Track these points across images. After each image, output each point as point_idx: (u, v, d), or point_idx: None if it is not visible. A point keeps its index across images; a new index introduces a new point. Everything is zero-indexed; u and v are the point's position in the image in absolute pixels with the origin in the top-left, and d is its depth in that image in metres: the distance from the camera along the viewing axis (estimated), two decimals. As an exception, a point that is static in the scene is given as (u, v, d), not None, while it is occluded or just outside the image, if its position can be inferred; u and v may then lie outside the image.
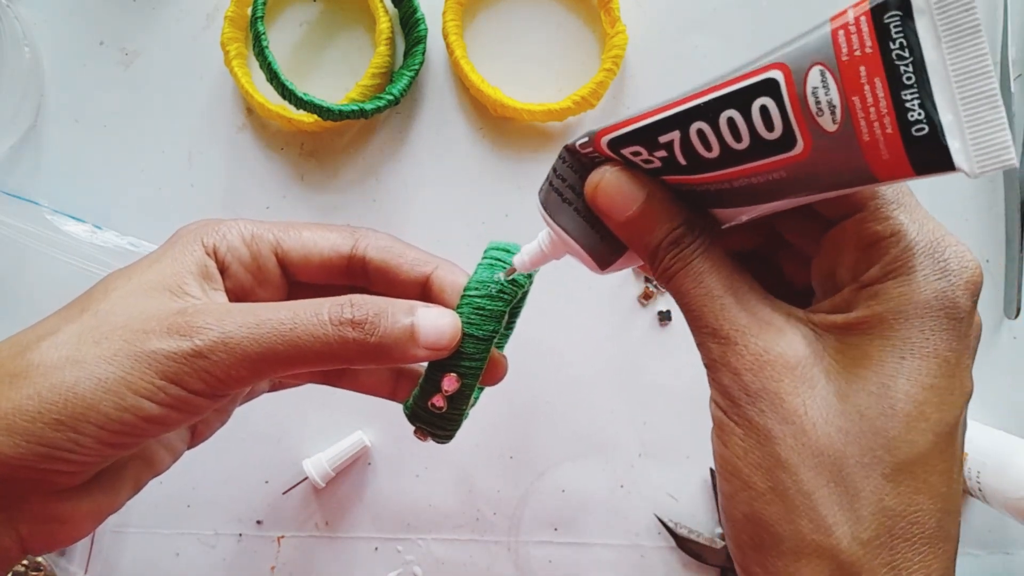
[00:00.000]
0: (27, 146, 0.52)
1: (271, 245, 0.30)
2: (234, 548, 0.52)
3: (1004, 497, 0.42)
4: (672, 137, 0.23)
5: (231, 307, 0.26)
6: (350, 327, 0.26)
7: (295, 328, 0.26)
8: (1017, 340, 0.50)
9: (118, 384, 0.24)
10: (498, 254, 0.31)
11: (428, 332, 0.27)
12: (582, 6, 0.51)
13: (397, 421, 0.51)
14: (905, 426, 0.22)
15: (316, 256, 0.31)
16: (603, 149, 0.25)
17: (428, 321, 0.28)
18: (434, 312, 0.28)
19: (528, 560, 0.51)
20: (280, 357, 0.26)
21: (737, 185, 0.22)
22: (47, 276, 0.51)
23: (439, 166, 0.52)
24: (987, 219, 0.50)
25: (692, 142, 0.22)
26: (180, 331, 0.25)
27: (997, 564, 0.50)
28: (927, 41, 0.18)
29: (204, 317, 0.25)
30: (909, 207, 0.23)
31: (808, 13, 0.50)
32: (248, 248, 0.30)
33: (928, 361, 0.22)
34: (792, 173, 0.21)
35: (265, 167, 0.52)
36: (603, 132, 0.24)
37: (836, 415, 0.22)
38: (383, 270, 0.31)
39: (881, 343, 0.22)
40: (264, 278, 0.30)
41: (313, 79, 0.52)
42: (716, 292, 0.24)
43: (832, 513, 0.22)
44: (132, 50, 0.52)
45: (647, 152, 0.24)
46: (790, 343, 0.23)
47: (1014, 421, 0.50)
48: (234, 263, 0.30)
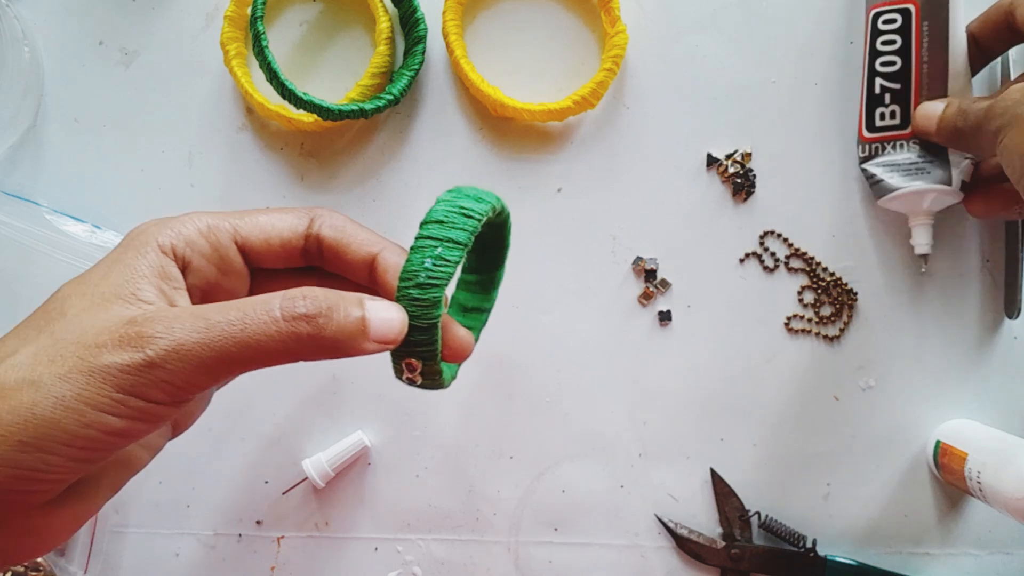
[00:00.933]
0: (27, 146, 0.52)
1: (229, 234, 0.30)
2: (234, 548, 0.52)
3: (1004, 497, 0.42)
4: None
5: (180, 312, 0.26)
6: (304, 322, 0.26)
7: (246, 328, 0.25)
8: (1017, 340, 0.50)
9: (76, 401, 0.24)
10: (433, 229, 0.29)
11: (377, 327, 0.27)
12: (582, 6, 0.51)
13: (397, 421, 0.52)
14: None
15: (276, 239, 0.31)
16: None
17: (376, 315, 0.27)
18: (381, 306, 0.28)
19: (528, 560, 0.51)
20: (234, 359, 0.25)
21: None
22: (47, 276, 0.51)
23: (439, 166, 0.52)
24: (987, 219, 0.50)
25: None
26: (131, 342, 0.25)
27: (997, 564, 0.50)
28: None
29: (154, 325, 0.25)
30: None
31: (808, 13, 0.50)
32: (207, 240, 0.30)
33: None
34: None
35: (265, 167, 0.52)
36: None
37: None
38: (334, 249, 0.31)
39: None
40: (228, 268, 0.30)
41: (313, 79, 0.52)
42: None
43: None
44: (132, 50, 0.52)
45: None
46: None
47: (1014, 421, 0.50)
48: (195, 257, 0.29)
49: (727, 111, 0.50)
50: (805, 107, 0.50)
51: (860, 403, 0.50)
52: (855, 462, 0.50)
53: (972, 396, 0.50)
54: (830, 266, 0.50)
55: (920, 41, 0.45)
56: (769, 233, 0.50)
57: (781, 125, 0.50)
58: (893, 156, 0.46)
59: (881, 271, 0.50)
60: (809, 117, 0.50)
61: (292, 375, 0.52)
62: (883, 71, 0.46)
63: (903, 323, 0.50)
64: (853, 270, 0.50)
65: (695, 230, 0.51)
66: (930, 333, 0.50)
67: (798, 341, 0.50)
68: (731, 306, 0.50)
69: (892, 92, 0.46)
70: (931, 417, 0.50)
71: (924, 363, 0.50)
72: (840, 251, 0.50)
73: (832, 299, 0.50)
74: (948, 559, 0.50)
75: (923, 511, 0.50)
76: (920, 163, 0.45)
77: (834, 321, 0.50)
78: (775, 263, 0.50)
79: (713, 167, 0.50)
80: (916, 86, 0.45)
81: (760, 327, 0.50)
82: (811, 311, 0.50)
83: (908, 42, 0.45)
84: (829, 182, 0.50)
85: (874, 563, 0.49)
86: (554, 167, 0.51)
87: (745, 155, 0.50)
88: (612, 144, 0.51)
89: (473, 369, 0.51)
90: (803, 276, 0.50)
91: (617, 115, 0.51)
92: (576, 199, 0.51)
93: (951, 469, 0.47)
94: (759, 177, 0.50)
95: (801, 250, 0.50)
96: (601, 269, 0.51)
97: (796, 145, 0.50)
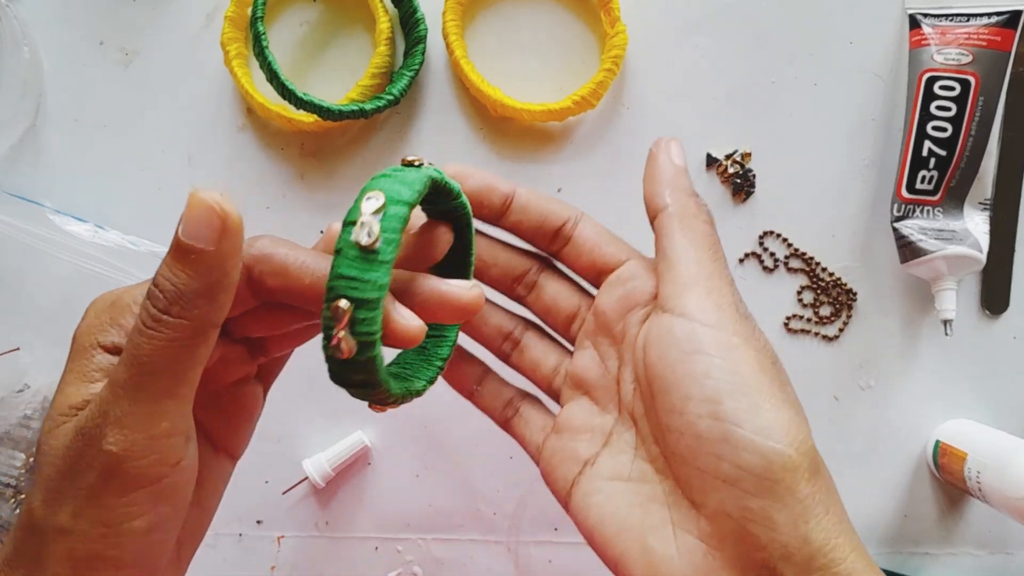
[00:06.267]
0: (26, 146, 0.52)
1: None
2: (234, 548, 0.52)
3: (1004, 497, 0.42)
4: None
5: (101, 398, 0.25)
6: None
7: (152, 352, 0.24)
8: (1017, 340, 0.50)
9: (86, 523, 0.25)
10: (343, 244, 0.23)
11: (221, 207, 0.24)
12: (582, 6, 0.51)
13: (397, 421, 0.52)
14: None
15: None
16: None
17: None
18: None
19: (528, 560, 0.51)
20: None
21: None
22: (51, 276, 0.51)
23: (439, 166, 0.52)
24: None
25: None
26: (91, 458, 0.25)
27: (997, 564, 0.50)
28: None
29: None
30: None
31: (808, 13, 0.50)
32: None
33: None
34: None
35: (265, 167, 0.52)
36: None
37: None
38: (284, 288, 0.27)
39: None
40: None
41: (313, 79, 0.52)
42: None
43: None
44: (132, 50, 0.52)
45: None
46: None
47: (1014, 421, 0.50)
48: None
49: (727, 111, 0.50)
50: (805, 107, 0.50)
51: (860, 403, 0.50)
52: (855, 462, 0.50)
53: (972, 396, 0.50)
54: (829, 266, 0.50)
55: (973, 115, 0.45)
56: (768, 233, 0.50)
57: (781, 125, 0.50)
58: (922, 221, 0.47)
59: (881, 271, 0.50)
60: (809, 117, 0.50)
61: (292, 375, 0.51)
62: (934, 135, 0.46)
63: (903, 323, 0.50)
64: (852, 270, 0.50)
65: (695, 230, 0.51)
66: (930, 333, 0.50)
67: (798, 341, 0.50)
68: (731, 306, 0.50)
69: (937, 158, 0.46)
70: (931, 417, 0.50)
71: (924, 363, 0.50)
72: (840, 251, 0.50)
73: (832, 299, 0.50)
74: (948, 559, 0.50)
75: (923, 511, 0.50)
76: (946, 231, 0.46)
77: (833, 321, 0.50)
78: (774, 263, 0.50)
79: (713, 167, 0.50)
80: (958, 157, 0.46)
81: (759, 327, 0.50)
82: (810, 311, 0.50)
83: (962, 113, 0.46)
84: (829, 182, 0.50)
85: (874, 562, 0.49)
86: (554, 167, 0.51)
87: (745, 155, 0.50)
88: (612, 144, 0.51)
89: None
90: (802, 276, 0.50)
91: (617, 115, 0.51)
92: (576, 199, 0.51)
93: (951, 469, 0.47)
94: (758, 177, 0.50)
95: (800, 250, 0.50)
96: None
97: (796, 145, 0.50)
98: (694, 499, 0.28)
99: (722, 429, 0.27)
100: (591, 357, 0.33)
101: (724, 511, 0.27)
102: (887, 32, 0.50)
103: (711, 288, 0.29)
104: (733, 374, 0.27)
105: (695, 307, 0.29)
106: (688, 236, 0.31)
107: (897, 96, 0.50)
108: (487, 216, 0.34)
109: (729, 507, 0.27)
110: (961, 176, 0.46)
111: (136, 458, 0.24)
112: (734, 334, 0.28)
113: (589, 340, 0.33)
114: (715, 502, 0.27)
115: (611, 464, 0.31)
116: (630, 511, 0.30)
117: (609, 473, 0.31)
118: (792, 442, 0.26)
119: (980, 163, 0.46)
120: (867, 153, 0.50)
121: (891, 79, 0.50)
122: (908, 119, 0.47)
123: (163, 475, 0.25)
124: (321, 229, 0.52)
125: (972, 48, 0.46)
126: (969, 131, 0.46)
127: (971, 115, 0.46)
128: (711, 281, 0.30)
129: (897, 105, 0.50)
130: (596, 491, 0.31)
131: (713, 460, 0.27)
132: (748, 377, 0.27)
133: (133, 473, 0.24)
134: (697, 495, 0.28)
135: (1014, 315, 0.50)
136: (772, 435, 0.26)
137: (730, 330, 0.28)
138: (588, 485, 0.31)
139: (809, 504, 0.26)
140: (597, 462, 0.32)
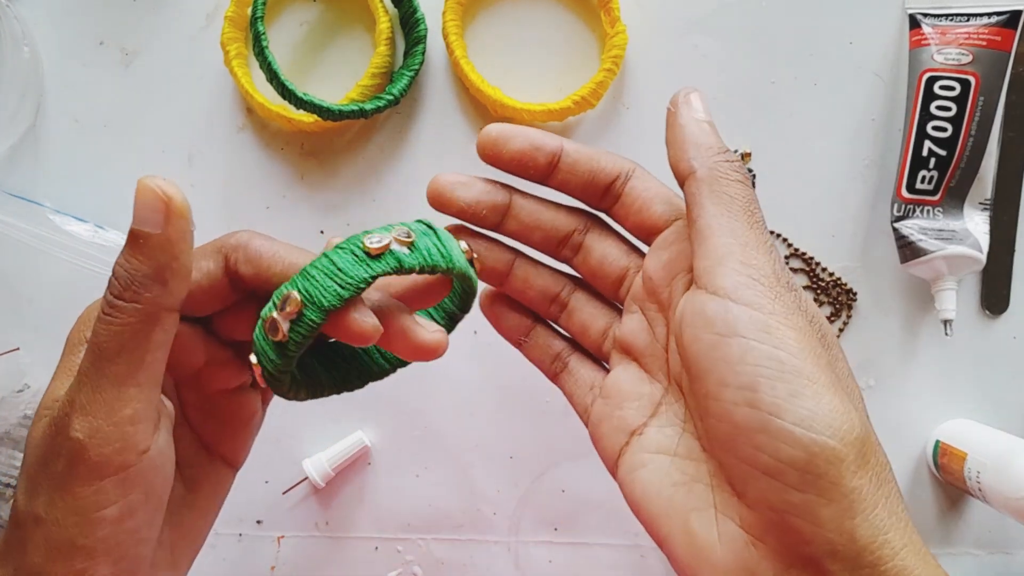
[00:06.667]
0: (27, 146, 0.52)
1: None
2: (234, 548, 0.52)
3: (1004, 497, 0.42)
4: None
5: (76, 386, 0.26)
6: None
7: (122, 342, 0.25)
8: (1016, 340, 0.50)
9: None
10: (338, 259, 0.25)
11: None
12: (582, 6, 0.51)
13: (397, 421, 0.52)
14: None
15: (196, 291, 0.27)
16: None
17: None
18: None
19: (528, 560, 0.51)
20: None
21: None
22: (51, 276, 0.51)
23: (439, 166, 0.52)
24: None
25: None
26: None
27: (997, 564, 0.50)
28: None
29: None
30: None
31: (808, 13, 0.50)
32: None
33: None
34: None
35: (265, 167, 0.52)
36: None
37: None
38: (257, 283, 0.27)
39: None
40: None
41: (313, 79, 0.52)
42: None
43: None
44: (132, 50, 0.52)
45: None
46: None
47: (1014, 421, 0.50)
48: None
49: (727, 111, 0.50)
50: (805, 107, 0.50)
51: (860, 403, 0.50)
52: (855, 462, 0.50)
53: (972, 396, 0.50)
54: (829, 266, 0.50)
55: (973, 115, 0.45)
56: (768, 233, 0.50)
57: (781, 125, 0.50)
58: (922, 221, 0.47)
59: (881, 271, 0.50)
60: (809, 117, 0.50)
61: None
62: (934, 135, 0.46)
63: (903, 323, 0.50)
64: (852, 270, 0.50)
65: (695, 230, 0.51)
66: (930, 333, 0.50)
67: (798, 341, 0.50)
68: (731, 306, 0.50)
69: (937, 158, 0.46)
70: (931, 417, 0.50)
71: (924, 363, 0.50)
72: (839, 251, 0.50)
73: (832, 299, 0.50)
74: (948, 559, 0.50)
75: (923, 511, 0.50)
76: (946, 231, 0.46)
77: (833, 321, 0.50)
78: (775, 263, 0.50)
79: (713, 167, 0.50)
80: (958, 157, 0.46)
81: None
82: (811, 311, 0.50)
83: (963, 112, 0.46)
84: (829, 182, 0.50)
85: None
86: (554, 167, 0.51)
87: (745, 155, 0.50)
88: (612, 144, 0.51)
89: (474, 369, 0.51)
90: (803, 276, 0.50)
91: (617, 115, 0.51)
92: (576, 199, 0.51)
93: (950, 469, 0.47)
94: (758, 177, 0.50)
95: (800, 250, 0.50)
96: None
97: (796, 145, 0.50)
98: (735, 487, 0.27)
99: (760, 419, 0.25)
100: (639, 322, 0.31)
101: (766, 502, 0.25)
102: (887, 32, 0.50)
103: (746, 260, 0.27)
104: (770, 358, 0.25)
105: (730, 284, 0.27)
106: (719, 203, 0.28)
107: (897, 96, 0.50)
108: (533, 177, 0.32)
109: (771, 499, 0.25)
110: (961, 176, 0.46)
111: (100, 445, 0.24)
112: (772, 313, 0.26)
113: (637, 304, 0.32)
114: (756, 492, 0.26)
115: (658, 437, 0.30)
116: (675, 490, 0.28)
117: (656, 446, 0.30)
118: (836, 432, 0.25)
119: (980, 163, 0.46)
120: (867, 153, 0.50)
121: (891, 79, 0.50)
122: (908, 119, 0.47)
123: (129, 463, 0.25)
124: (322, 229, 0.52)
125: (972, 48, 0.46)
126: (969, 131, 0.46)
127: (971, 115, 0.46)
128: (746, 251, 0.27)
129: (897, 105, 0.50)
130: (642, 464, 0.30)
131: (751, 451, 0.25)
132: (788, 361, 0.25)
133: (98, 460, 0.24)
134: (738, 484, 0.27)
135: (1014, 315, 0.50)
136: (814, 425, 0.24)
137: (767, 308, 0.26)
138: (634, 458, 0.30)
139: (855, 499, 0.24)
140: (645, 432, 0.30)
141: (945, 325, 0.47)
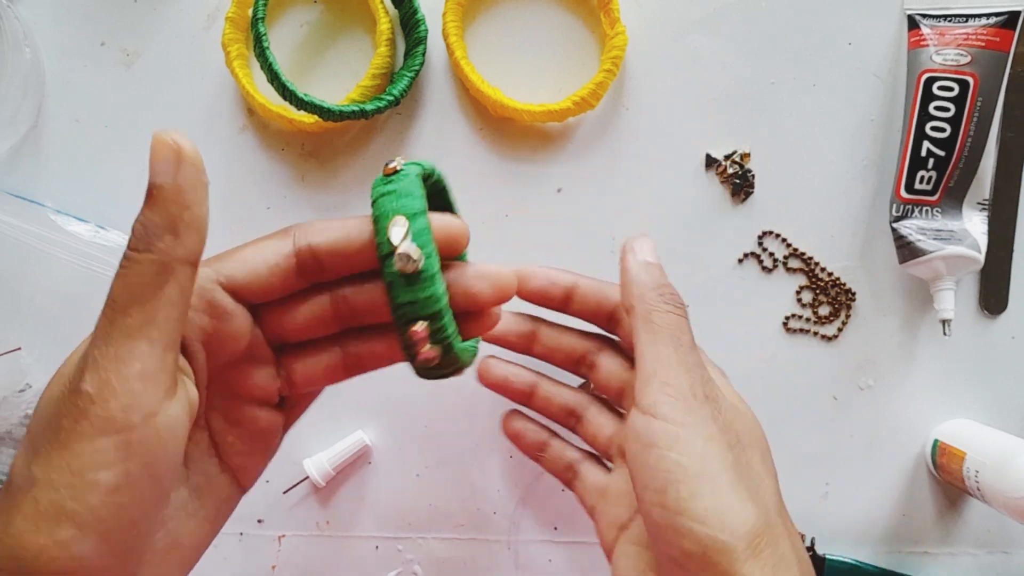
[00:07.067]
0: (28, 146, 0.52)
1: (210, 277, 0.28)
2: (235, 547, 0.52)
3: (1003, 496, 0.43)
4: None
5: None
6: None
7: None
8: (1015, 340, 0.50)
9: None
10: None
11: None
12: (582, 6, 0.51)
13: (398, 421, 0.52)
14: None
15: (262, 266, 0.29)
16: None
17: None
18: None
19: (528, 560, 0.51)
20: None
21: None
22: (52, 276, 0.51)
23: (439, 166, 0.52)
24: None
25: None
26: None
27: (997, 564, 0.50)
28: None
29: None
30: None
31: (808, 13, 0.50)
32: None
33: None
34: None
35: (266, 167, 0.52)
36: None
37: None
38: (331, 252, 0.29)
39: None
40: (218, 311, 0.28)
41: (314, 80, 0.52)
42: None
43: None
44: (133, 51, 0.52)
45: None
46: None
47: (1013, 421, 0.50)
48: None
49: (727, 111, 0.51)
50: (804, 107, 0.50)
51: (858, 403, 0.50)
52: (853, 462, 0.50)
53: (971, 396, 0.50)
54: (828, 266, 0.50)
55: (972, 115, 0.46)
56: (768, 233, 0.50)
57: (781, 125, 0.50)
58: (921, 221, 0.47)
59: (880, 271, 0.50)
60: (808, 117, 0.50)
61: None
62: (933, 136, 0.46)
63: (901, 323, 0.50)
64: (851, 270, 0.50)
65: (694, 230, 0.51)
66: (929, 333, 0.50)
67: (796, 341, 0.50)
68: (729, 306, 0.51)
69: (936, 158, 0.46)
70: (930, 417, 0.50)
71: (923, 363, 0.50)
72: (839, 251, 0.50)
73: (830, 299, 0.50)
74: (947, 558, 0.50)
75: (922, 510, 0.50)
76: (945, 231, 0.46)
77: (832, 321, 0.50)
78: (773, 263, 0.50)
79: (712, 167, 0.51)
80: (956, 157, 0.46)
81: (758, 327, 0.50)
82: (809, 311, 0.50)
83: (961, 113, 0.46)
84: (828, 182, 0.50)
85: (873, 562, 0.49)
86: (554, 167, 0.51)
87: (744, 155, 0.50)
88: (612, 144, 0.51)
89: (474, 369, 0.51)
90: (801, 276, 0.50)
91: (617, 116, 0.51)
92: (576, 199, 0.51)
93: (949, 469, 0.47)
94: (758, 177, 0.50)
95: (799, 250, 0.50)
96: (601, 269, 0.51)
97: (795, 145, 0.50)
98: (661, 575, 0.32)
99: (667, 517, 0.29)
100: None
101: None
102: (886, 33, 0.50)
103: (665, 379, 0.32)
104: (677, 464, 0.30)
105: (651, 401, 0.32)
106: (650, 331, 0.33)
107: (896, 96, 0.50)
108: (552, 306, 0.41)
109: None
110: (960, 176, 0.46)
111: (106, 399, 0.24)
112: (683, 424, 0.31)
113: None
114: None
115: (636, 531, 0.36)
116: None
117: (634, 539, 0.36)
118: (726, 527, 0.28)
119: (979, 163, 0.46)
120: (866, 153, 0.50)
121: (890, 79, 0.50)
122: (907, 119, 0.48)
123: (132, 423, 0.24)
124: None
125: (971, 49, 0.46)
126: (968, 131, 0.46)
127: (970, 115, 0.46)
128: (669, 372, 0.32)
129: (896, 105, 0.50)
130: (624, 555, 0.35)
131: (665, 546, 0.30)
132: (691, 466, 0.30)
133: (103, 415, 0.24)
134: (664, 574, 0.32)
135: (1012, 315, 0.50)
136: (708, 521, 0.29)
137: (679, 420, 0.31)
138: (620, 549, 0.36)
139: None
140: (630, 527, 0.36)
141: (944, 325, 0.47)
